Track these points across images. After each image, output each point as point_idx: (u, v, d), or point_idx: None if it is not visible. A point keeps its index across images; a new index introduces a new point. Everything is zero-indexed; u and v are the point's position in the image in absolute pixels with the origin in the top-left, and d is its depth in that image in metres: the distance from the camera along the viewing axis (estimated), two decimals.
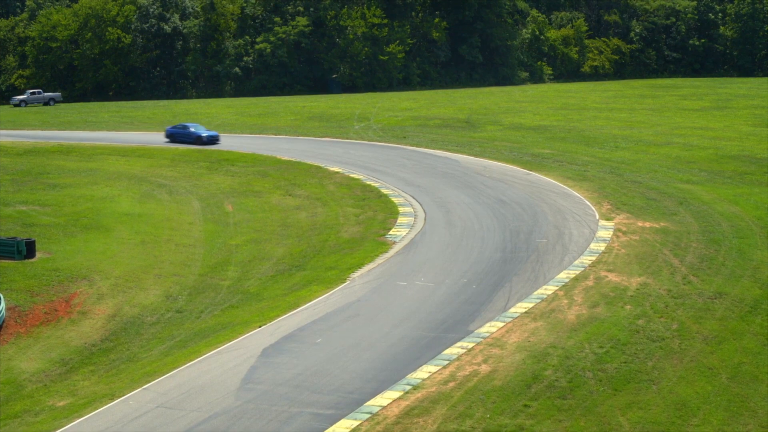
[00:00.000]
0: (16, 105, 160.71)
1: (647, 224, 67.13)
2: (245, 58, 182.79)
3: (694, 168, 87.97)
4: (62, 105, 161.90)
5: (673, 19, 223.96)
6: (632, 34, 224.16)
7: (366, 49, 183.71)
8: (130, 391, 44.46)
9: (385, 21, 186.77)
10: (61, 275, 59.95)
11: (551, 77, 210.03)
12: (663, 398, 42.19)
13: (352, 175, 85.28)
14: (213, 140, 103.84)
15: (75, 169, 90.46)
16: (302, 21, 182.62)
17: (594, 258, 60.00)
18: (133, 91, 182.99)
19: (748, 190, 78.25)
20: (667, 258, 59.81)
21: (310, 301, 54.94)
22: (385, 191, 78.93)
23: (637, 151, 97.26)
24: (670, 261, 59.26)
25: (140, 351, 50.93)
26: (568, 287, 55.08)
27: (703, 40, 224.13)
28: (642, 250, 61.48)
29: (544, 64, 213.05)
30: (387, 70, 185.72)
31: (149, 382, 45.23)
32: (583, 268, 58.28)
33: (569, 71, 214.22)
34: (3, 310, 52.93)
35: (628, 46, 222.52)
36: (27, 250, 61.96)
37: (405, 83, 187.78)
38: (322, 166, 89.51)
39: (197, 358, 47.83)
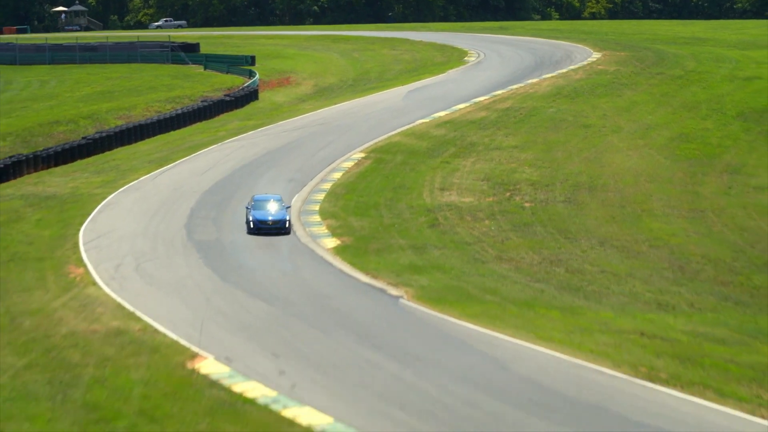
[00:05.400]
0: (153, 29, 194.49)
1: (623, 54, 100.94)
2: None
3: (657, 40, 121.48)
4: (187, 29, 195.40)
5: None
6: None
7: None
8: (343, 102, 78.82)
9: None
10: (277, 71, 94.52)
11: (558, 20, 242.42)
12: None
13: (430, 41, 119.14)
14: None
15: (239, 44, 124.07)
16: None
17: (589, 62, 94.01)
18: (230, 23, 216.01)
19: (689, 48, 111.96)
20: (632, 62, 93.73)
21: (425, 79, 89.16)
22: (455, 46, 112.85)
23: (619, 35, 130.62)
24: (633, 63, 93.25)
25: (343, 96, 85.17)
26: (573, 71, 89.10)
27: None
28: (618, 59, 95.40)
29: (552, 10, 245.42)
30: (431, 9, 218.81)
31: (349, 101, 79.59)
32: (587, 62, 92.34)
33: (572, 16, 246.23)
34: (257, 79, 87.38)
35: None
36: (252, 60, 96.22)
37: (443, 20, 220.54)
38: (408, 38, 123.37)
39: (374, 93, 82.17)
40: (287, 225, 44.65)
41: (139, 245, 42.97)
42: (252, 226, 44.35)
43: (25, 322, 32.73)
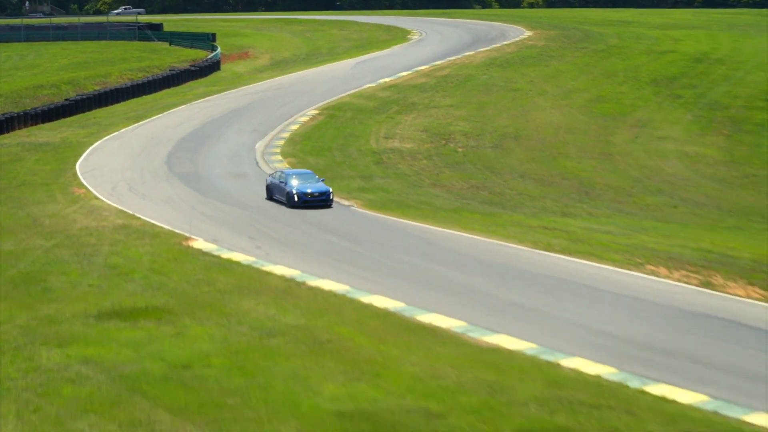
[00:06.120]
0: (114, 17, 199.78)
1: (552, 32, 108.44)
2: None
3: (587, 22, 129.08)
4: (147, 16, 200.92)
5: None
6: None
7: None
8: (298, 72, 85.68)
9: None
10: (236, 46, 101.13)
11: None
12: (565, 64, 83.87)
13: (377, 23, 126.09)
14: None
15: (198, 26, 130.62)
16: None
17: (521, 39, 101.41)
18: (186, 11, 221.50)
19: (614, 28, 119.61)
20: (560, 39, 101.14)
21: (372, 53, 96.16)
22: (400, 27, 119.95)
23: (552, 18, 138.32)
24: (562, 39, 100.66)
25: (297, 67, 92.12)
26: (506, 45, 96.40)
27: None
28: (548, 36, 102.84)
29: (492, 0, 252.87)
30: None
31: (303, 71, 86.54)
32: (519, 39, 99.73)
33: (511, 6, 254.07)
34: (219, 52, 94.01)
35: None
36: (213, 37, 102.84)
37: (389, 8, 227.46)
38: (356, 21, 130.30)
39: (325, 64, 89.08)
40: (331, 197, 42.83)
41: (129, 175, 49.77)
42: (297, 199, 41.81)
43: (46, 221, 39.55)
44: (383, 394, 22.03)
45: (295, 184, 42.33)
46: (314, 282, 30.57)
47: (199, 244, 35.36)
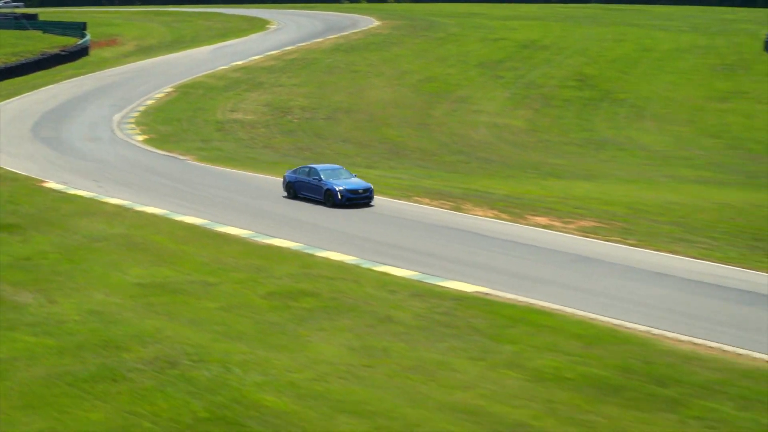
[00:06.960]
0: None
1: (400, 22, 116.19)
2: None
3: (438, 14, 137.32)
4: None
5: None
6: None
7: None
8: (160, 56, 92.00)
9: None
10: (105, 34, 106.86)
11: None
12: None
13: (241, 15, 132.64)
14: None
15: (73, 17, 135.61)
16: None
17: (370, 28, 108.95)
18: (65, 3, 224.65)
19: (460, 19, 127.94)
20: (405, 28, 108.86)
21: (230, 40, 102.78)
22: (262, 18, 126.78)
23: (407, 11, 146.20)
24: (406, 28, 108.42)
25: (160, 52, 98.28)
26: (354, 33, 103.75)
27: None
28: (394, 26, 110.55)
29: None
30: None
31: (165, 55, 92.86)
32: (367, 28, 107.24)
33: (378, 1, 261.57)
34: (88, 39, 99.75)
35: None
36: (84, 26, 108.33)
37: (258, 2, 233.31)
38: (222, 12, 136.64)
39: (186, 50, 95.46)
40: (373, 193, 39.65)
41: None
42: (341, 197, 38.69)
43: None
44: (175, 273, 29.21)
45: (334, 181, 39.31)
46: (140, 208, 37.63)
47: (51, 185, 42.07)
